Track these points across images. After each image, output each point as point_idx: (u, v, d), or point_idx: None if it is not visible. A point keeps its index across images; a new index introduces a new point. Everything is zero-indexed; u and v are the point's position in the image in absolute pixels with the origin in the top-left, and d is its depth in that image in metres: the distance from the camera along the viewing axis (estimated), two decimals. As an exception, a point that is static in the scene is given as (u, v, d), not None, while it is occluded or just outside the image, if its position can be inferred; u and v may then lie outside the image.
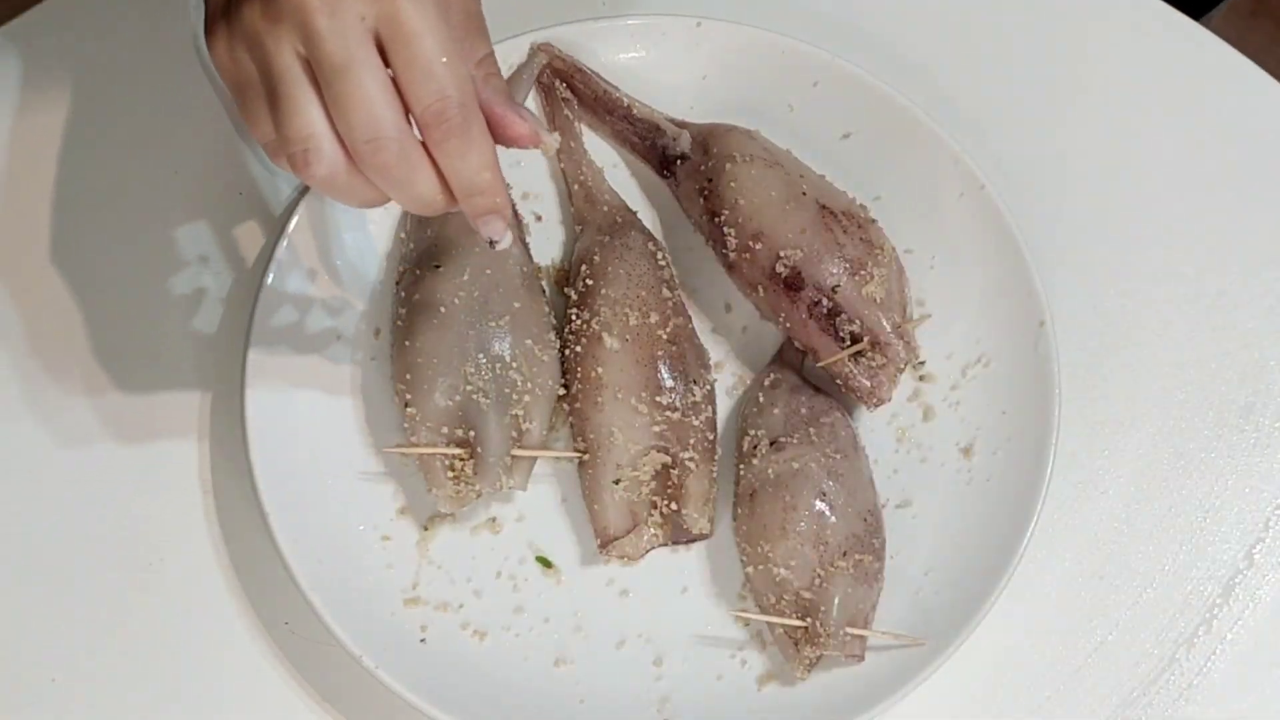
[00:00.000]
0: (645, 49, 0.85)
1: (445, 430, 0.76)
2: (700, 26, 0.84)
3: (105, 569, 0.79)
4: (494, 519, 0.80)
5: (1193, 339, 0.85)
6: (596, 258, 0.80)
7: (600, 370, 0.77)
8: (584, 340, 0.78)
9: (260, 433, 0.76)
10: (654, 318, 0.79)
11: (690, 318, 0.81)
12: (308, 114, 0.60)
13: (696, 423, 0.78)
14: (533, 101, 0.86)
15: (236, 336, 0.81)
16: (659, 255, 0.82)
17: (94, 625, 0.78)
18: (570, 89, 0.85)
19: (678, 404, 0.77)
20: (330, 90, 0.59)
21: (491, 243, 0.64)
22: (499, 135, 0.64)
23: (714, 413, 0.80)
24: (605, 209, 0.83)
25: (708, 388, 0.79)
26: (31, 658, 0.77)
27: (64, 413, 0.81)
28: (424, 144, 0.61)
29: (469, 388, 0.76)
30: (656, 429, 0.77)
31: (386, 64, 0.60)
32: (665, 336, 0.78)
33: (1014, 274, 0.81)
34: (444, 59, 0.59)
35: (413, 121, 0.61)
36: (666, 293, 0.80)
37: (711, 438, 0.79)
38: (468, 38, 0.65)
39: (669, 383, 0.78)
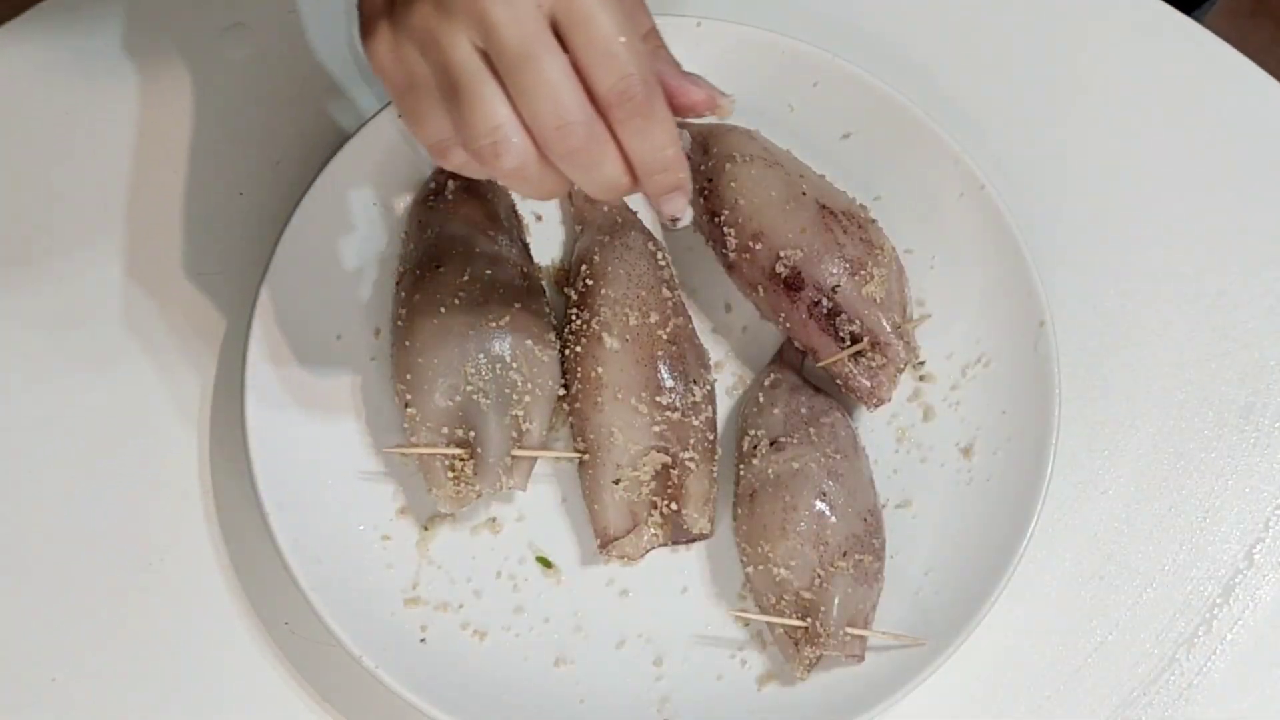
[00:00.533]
0: (645, 49, 0.85)
1: (445, 430, 0.76)
2: (700, 26, 0.84)
3: (105, 569, 0.79)
4: (494, 519, 0.80)
5: (1193, 339, 0.85)
6: (596, 258, 0.80)
7: (600, 370, 0.77)
8: (584, 340, 0.78)
9: (260, 433, 0.76)
10: (654, 317, 0.79)
11: (690, 318, 0.81)
12: (493, 106, 0.59)
13: (697, 422, 0.78)
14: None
15: (236, 336, 0.81)
16: (659, 255, 0.82)
17: (94, 625, 0.78)
18: None
19: (678, 404, 0.77)
20: (514, 80, 0.59)
21: (673, 220, 0.63)
22: (676, 105, 0.63)
23: (714, 413, 0.80)
24: (605, 209, 0.83)
25: (708, 388, 0.79)
26: (31, 658, 0.77)
27: (63, 412, 0.81)
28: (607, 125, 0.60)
29: (469, 388, 0.76)
30: (656, 429, 0.77)
31: (563, 46, 0.59)
32: (665, 336, 0.78)
33: (1014, 274, 0.81)
34: (622, 38, 0.59)
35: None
36: (666, 292, 0.80)
37: (711, 438, 0.79)
38: (635, 12, 0.65)
39: (669, 383, 0.78)
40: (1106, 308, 0.85)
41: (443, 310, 0.77)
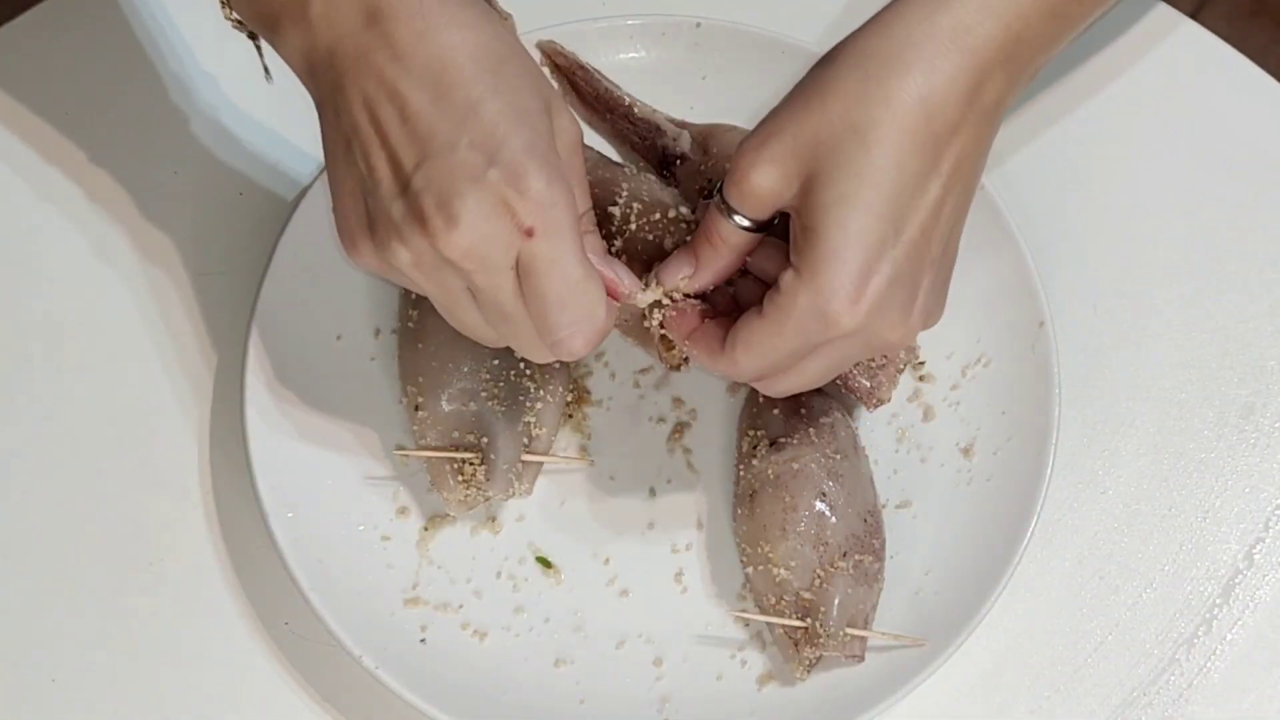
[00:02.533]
0: (645, 49, 0.85)
1: (456, 434, 0.76)
2: (700, 27, 0.84)
3: (105, 569, 0.79)
4: (494, 519, 0.80)
5: (1193, 339, 0.85)
6: None
7: None
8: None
9: (260, 433, 0.76)
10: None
11: None
12: (481, 329, 0.66)
13: None
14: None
15: (236, 336, 0.81)
16: None
17: (94, 625, 0.78)
18: (572, 86, 0.85)
19: None
20: (499, 328, 0.65)
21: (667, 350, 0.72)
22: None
23: None
24: None
25: None
26: (31, 658, 0.77)
27: (64, 412, 0.81)
28: None
29: (484, 394, 0.76)
30: None
31: None
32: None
33: (1014, 274, 0.81)
34: (575, 287, 0.62)
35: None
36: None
37: None
38: (580, 195, 0.67)
39: None
40: (1106, 308, 0.85)
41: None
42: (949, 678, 0.76)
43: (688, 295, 0.70)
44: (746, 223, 0.67)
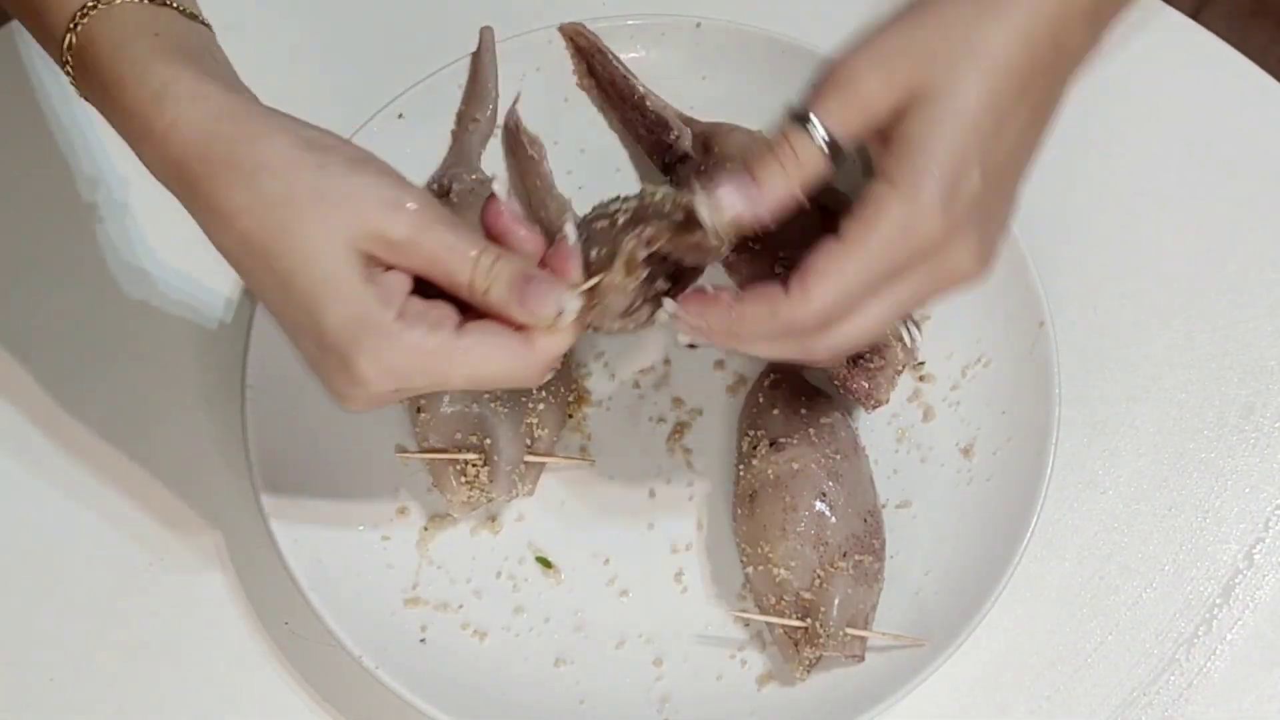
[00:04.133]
0: (645, 49, 0.86)
1: (458, 435, 0.76)
2: (700, 27, 0.84)
3: (105, 569, 0.79)
4: (494, 519, 0.80)
5: (1193, 339, 0.85)
6: None
7: None
8: None
9: (260, 433, 0.76)
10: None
11: None
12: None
13: None
14: (536, 90, 0.86)
15: (237, 336, 0.81)
16: None
17: (94, 625, 0.78)
18: (589, 69, 0.85)
19: None
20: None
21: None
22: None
23: None
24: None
25: None
26: (31, 658, 0.77)
27: (63, 412, 0.81)
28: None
29: (486, 395, 0.76)
30: None
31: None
32: None
33: (1014, 274, 0.81)
34: (471, 368, 0.62)
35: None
36: None
37: None
38: (450, 281, 0.64)
39: None
40: (1106, 308, 0.85)
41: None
42: (949, 678, 0.76)
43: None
44: (829, 139, 0.63)
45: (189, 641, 0.78)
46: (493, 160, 0.85)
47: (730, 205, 0.62)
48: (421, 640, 0.76)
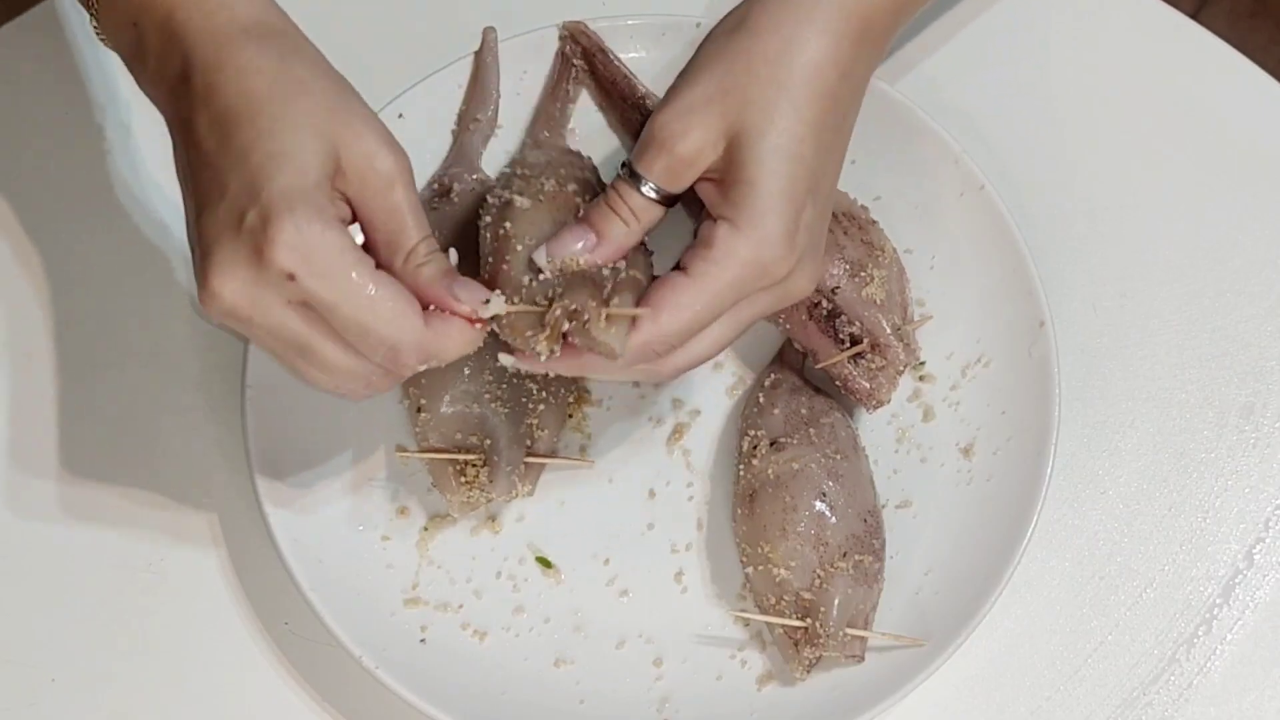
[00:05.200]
0: (645, 49, 0.85)
1: (459, 436, 0.76)
2: (700, 27, 0.84)
3: (105, 569, 0.79)
4: (494, 519, 0.80)
5: (1193, 339, 0.85)
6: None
7: (508, 225, 0.72)
8: (493, 211, 0.73)
9: (260, 433, 0.76)
10: (571, 187, 0.74)
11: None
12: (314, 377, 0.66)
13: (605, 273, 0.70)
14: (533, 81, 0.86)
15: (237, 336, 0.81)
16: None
17: (94, 625, 0.78)
18: (590, 68, 0.85)
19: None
20: (301, 366, 0.65)
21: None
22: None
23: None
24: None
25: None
26: (31, 658, 0.77)
27: (63, 412, 0.81)
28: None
29: (487, 395, 0.76)
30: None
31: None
32: (580, 202, 0.73)
33: (1014, 274, 0.81)
34: (363, 313, 0.62)
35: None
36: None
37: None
38: (392, 240, 0.65)
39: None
40: (1106, 308, 0.85)
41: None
42: (949, 678, 0.76)
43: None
44: (657, 195, 0.68)
45: (189, 642, 0.78)
46: (493, 160, 0.85)
47: (570, 255, 0.68)
48: (421, 640, 0.76)
